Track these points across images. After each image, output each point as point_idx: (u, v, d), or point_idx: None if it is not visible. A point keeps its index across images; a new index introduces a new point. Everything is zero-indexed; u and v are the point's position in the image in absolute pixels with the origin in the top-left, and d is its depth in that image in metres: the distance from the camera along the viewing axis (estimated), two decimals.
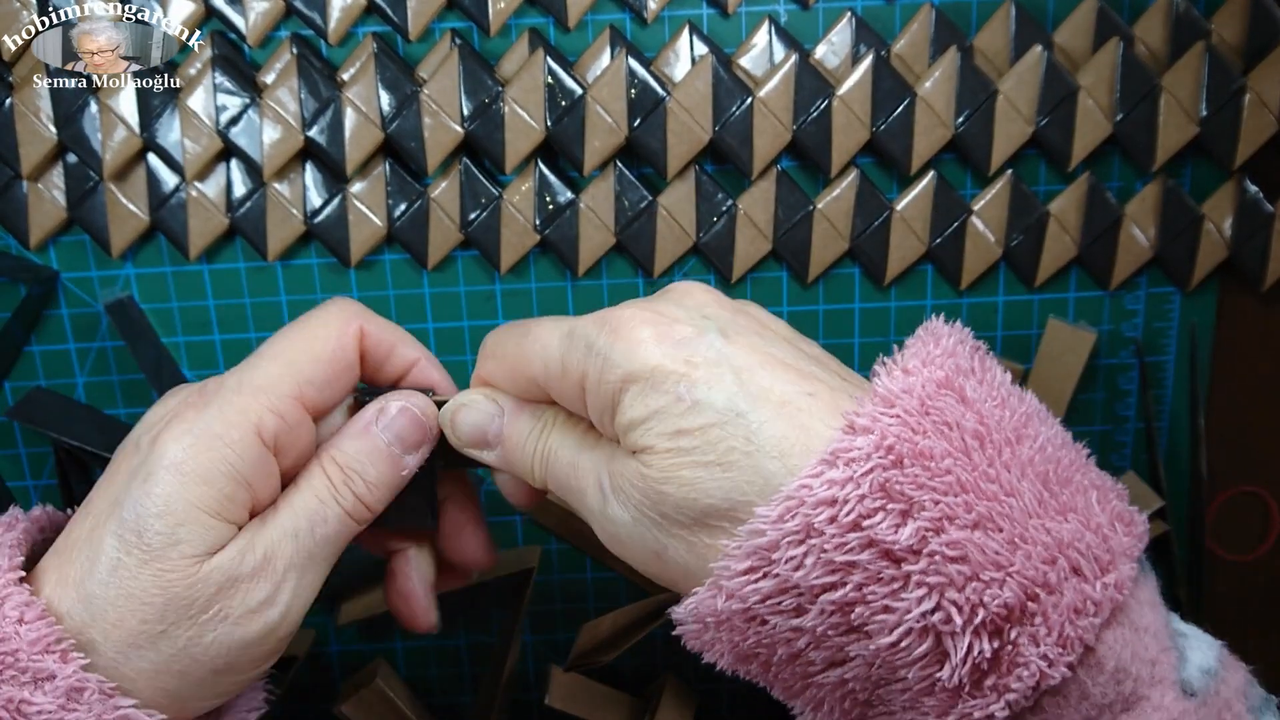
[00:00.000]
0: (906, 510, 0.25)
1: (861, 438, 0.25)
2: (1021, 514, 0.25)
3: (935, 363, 0.27)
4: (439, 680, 0.53)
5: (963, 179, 0.46)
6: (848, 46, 0.44)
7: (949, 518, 0.25)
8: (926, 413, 0.26)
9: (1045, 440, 0.27)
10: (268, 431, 0.29)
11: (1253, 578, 0.51)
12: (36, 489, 0.49)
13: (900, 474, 0.25)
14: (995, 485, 0.25)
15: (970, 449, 0.26)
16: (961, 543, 0.25)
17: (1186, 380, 0.48)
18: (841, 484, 0.25)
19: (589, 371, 0.28)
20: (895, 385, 0.26)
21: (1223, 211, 0.45)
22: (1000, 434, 0.26)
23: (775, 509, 0.25)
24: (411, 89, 0.43)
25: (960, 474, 0.25)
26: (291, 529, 0.29)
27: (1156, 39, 0.44)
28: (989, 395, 0.27)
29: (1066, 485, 0.27)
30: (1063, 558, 0.25)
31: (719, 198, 0.45)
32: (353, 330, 0.32)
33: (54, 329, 0.47)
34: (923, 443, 0.25)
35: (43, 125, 0.43)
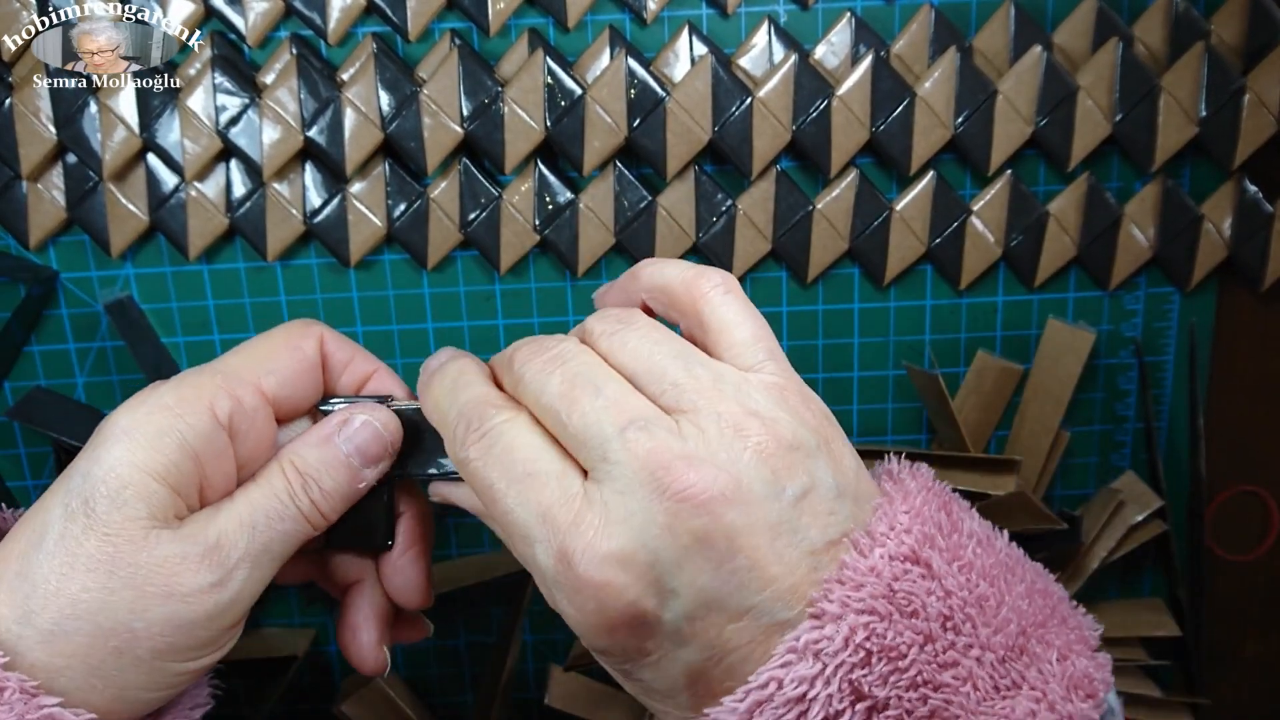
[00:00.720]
0: (873, 707, 0.25)
1: (830, 626, 0.25)
2: (975, 700, 0.25)
3: (901, 530, 0.26)
4: (439, 680, 0.53)
5: (962, 179, 0.46)
6: (847, 47, 0.44)
7: (908, 712, 0.25)
8: (893, 596, 0.25)
9: (1010, 606, 0.27)
10: (221, 410, 0.29)
11: (1252, 578, 0.51)
12: (36, 489, 0.49)
13: (869, 672, 0.25)
14: (952, 672, 0.25)
15: (934, 635, 0.25)
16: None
17: (1186, 380, 0.48)
18: (811, 681, 0.24)
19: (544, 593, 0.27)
20: (862, 563, 0.25)
21: (1222, 211, 0.45)
22: (963, 611, 0.26)
23: (744, 702, 0.25)
24: (411, 89, 0.43)
25: (923, 666, 0.25)
26: (249, 520, 0.29)
27: (1156, 39, 0.44)
28: (955, 558, 0.27)
29: (1022, 654, 0.27)
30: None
31: (718, 198, 0.45)
32: (314, 333, 0.32)
33: (54, 329, 0.47)
34: (890, 637, 0.25)
35: (42, 125, 0.43)
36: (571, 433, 0.26)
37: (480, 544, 0.51)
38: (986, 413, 0.48)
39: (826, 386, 0.49)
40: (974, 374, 0.48)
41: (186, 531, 0.28)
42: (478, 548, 0.51)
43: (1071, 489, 0.50)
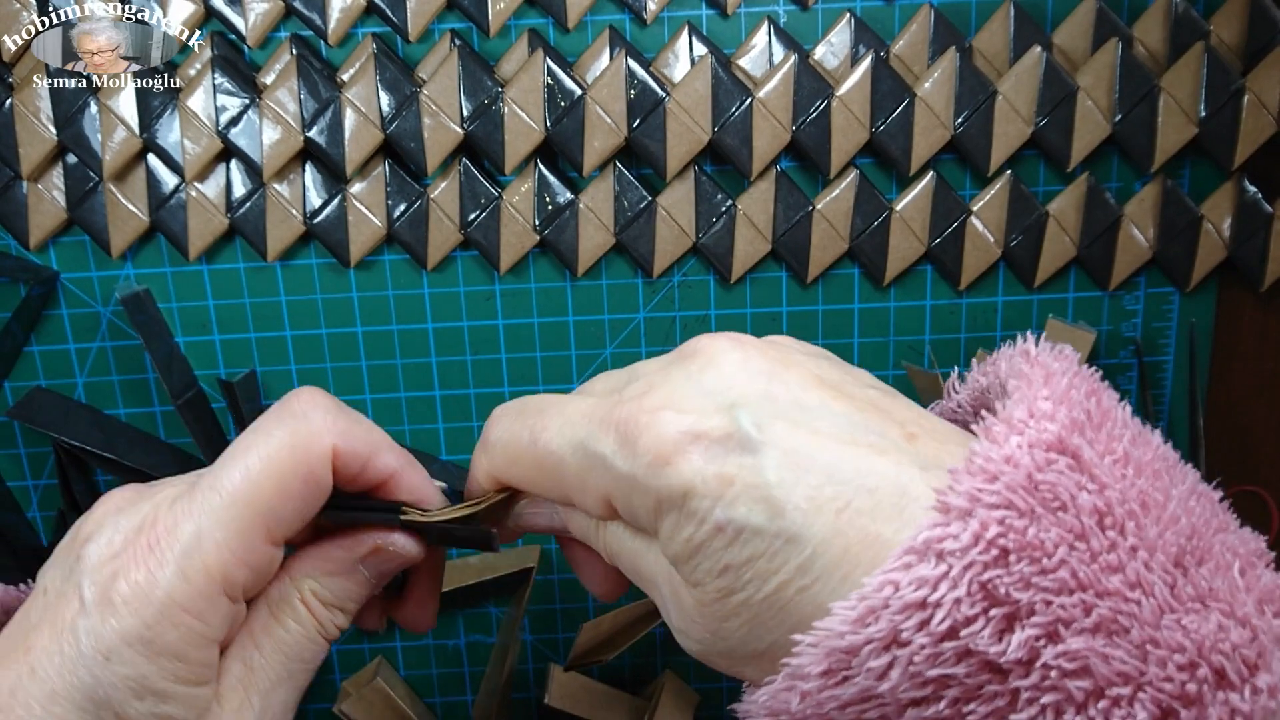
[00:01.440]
0: (1013, 614, 0.21)
1: (957, 523, 0.21)
2: (1152, 612, 0.21)
3: (1045, 417, 0.22)
4: (439, 680, 0.53)
5: (962, 179, 0.46)
6: (847, 47, 0.44)
7: (1065, 622, 0.21)
8: (1035, 489, 0.21)
9: (1178, 501, 0.23)
10: (235, 586, 0.26)
11: None
12: (36, 489, 0.49)
13: (1005, 573, 0.21)
14: (1119, 576, 0.21)
15: (1088, 532, 0.21)
16: (1081, 653, 0.21)
17: (1186, 380, 0.48)
18: (934, 583, 0.21)
19: (614, 494, 0.25)
20: (997, 452, 0.22)
21: (1222, 212, 0.45)
22: (1124, 507, 0.22)
23: (855, 609, 0.21)
24: (411, 90, 0.43)
25: (1077, 567, 0.21)
26: (286, 674, 0.28)
27: (1155, 39, 0.44)
28: (1108, 451, 0.23)
29: (1204, 560, 0.23)
30: (1204, 663, 0.21)
31: (718, 198, 0.45)
32: (326, 451, 0.27)
33: (54, 329, 0.47)
34: (1032, 531, 0.21)
35: (43, 126, 0.43)
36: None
37: None
38: None
39: None
40: None
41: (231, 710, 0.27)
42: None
43: None
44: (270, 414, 0.28)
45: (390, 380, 0.48)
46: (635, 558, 0.26)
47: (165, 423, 0.49)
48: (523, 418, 0.28)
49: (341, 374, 0.48)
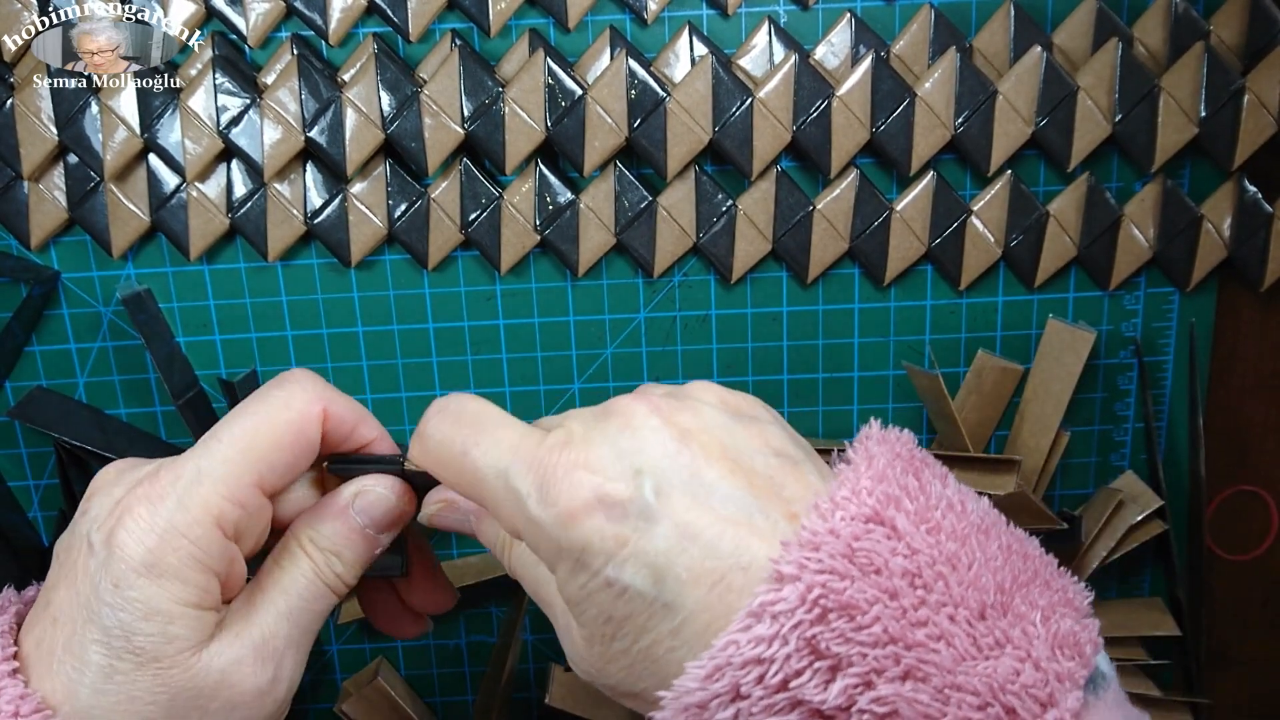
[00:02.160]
0: (835, 666, 0.24)
1: (788, 587, 0.24)
2: (953, 659, 0.24)
3: (864, 492, 0.26)
4: (439, 680, 0.53)
5: (962, 179, 0.46)
6: (847, 47, 0.44)
7: (877, 670, 0.24)
8: (853, 555, 0.25)
9: (983, 564, 0.26)
10: (229, 523, 0.29)
11: (1252, 577, 0.51)
12: (37, 488, 0.49)
13: (826, 629, 0.24)
14: (925, 629, 0.24)
15: (899, 591, 0.24)
16: (890, 698, 0.24)
17: (1185, 380, 0.49)
18: (768, 641, 0.24)
19: (523, 531, 0.28)
20: (821, 525, 0.25)
21: (1222, 212, 0.45)
22: (932, 569, 0.25)
23: (704, 666, 0.25)
24: (412, 89, 0.43)
25: (888, 623, 0.24)
26: (285, 610, 0.30)
27: (1156, 39, 0.44)
28: (923, 520, 0.26)
29: (1005, 612, 0.26)
30: (996, 703, 0.24)
31: (719, 198, 0.45)
32: (316, 412, 0.31)
33: (55, 329, 0.47)
34: (849, 592, 0.24)
35: (43, 126, 0.43)
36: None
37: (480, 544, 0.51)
38: (986, 413, 0.48)
39: (826, 386, 0.49)
40: (974, 374, 0.48)
41: (232, 637, 0.29)
42: (478, 548, 0.51)
43: (1071, 489, 0.50)
44: (269, 384, 0.31)
45: (391, 380, 0.48)
46: (537, 585, 0.30)
47: (166, 423, 0.49)
48: (458, 426, 0.30)
49: (342, 374, 0.48)
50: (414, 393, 0.49)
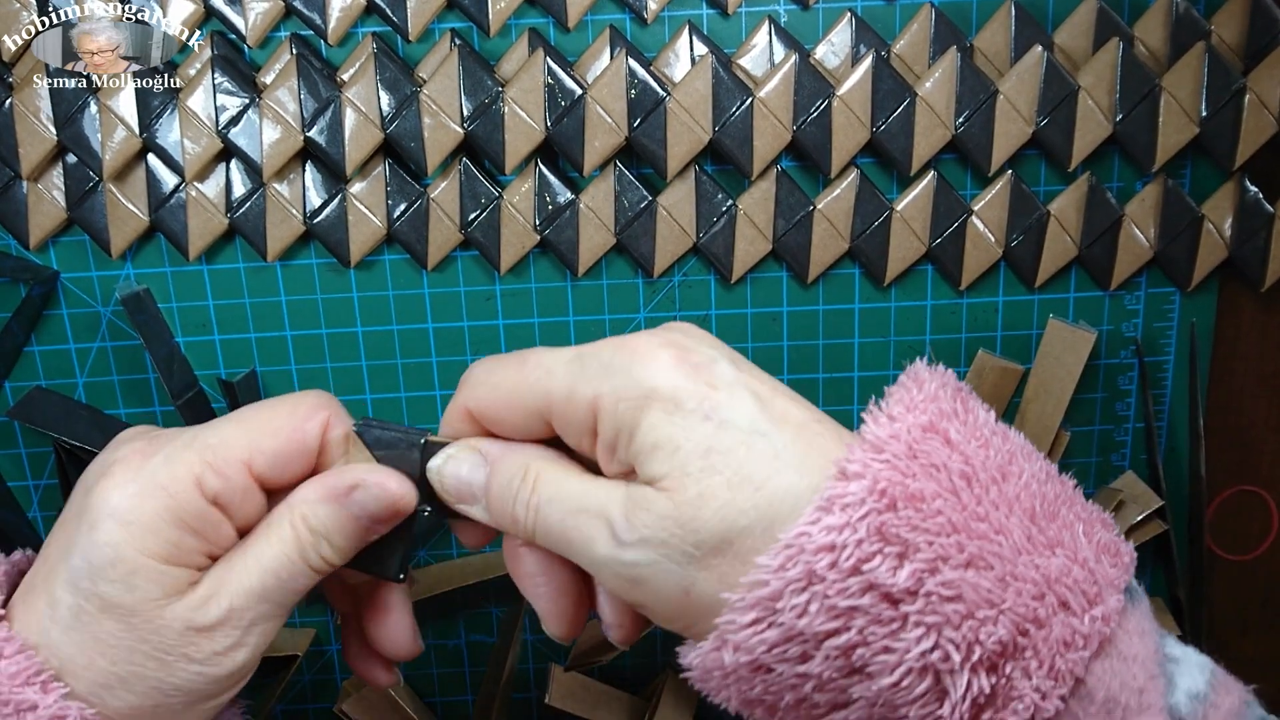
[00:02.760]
0: (903, 552, 0.25)
1: (854, 483, 0.25)
2: (1011, 551, 0.26)
3: (919, 408, 0.27)
4: (439, 680, 0.53)
5: (963, 179, 0.46)
6: (848, 46, 0.44)
7: (943, 558, 0.25)
8: (914, 456, 0.26)
9: (1030, 476, 0.28)
10: (209, 487, 0.29)
11: (1252, 577, 0.51)
12: (37, 488, 0.49)
13: (895, 517, 0.25)
14: (984, 524, 0.26)
15: (959, 489, 0.26)
16: (956, 582, 0.25)
17: (1186, 380, 0.48)
18: (839, 529, 0.25)
19: (605, 391, 0.27)
20: (883, 431, 0.27)
21: (1223, 212, 0.45)
22: (986, 473, 0.27)
23: (776, 558, 0.25)
24: (411, 89, 0.43)
25: (951, 514, 0.26)
26: (259, 586, 0.29)
27: (1156, 39, 0.44)
28: (972, 436, 0.28)
29: (1053, 520, 0.27)
30: (1051, 593, 0.26)
31: (719, 198, 0.45)
32: (319, 419, 0.31)
33: (54, 329, 0.47)
34: (913, 485, 0.26)
35: (43, 125, 0.43)
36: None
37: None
38: None
39: (827, 386, 0.49)
40: (974, 374, 0.48)
41: (199, 598, 0.29)
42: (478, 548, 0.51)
43: None
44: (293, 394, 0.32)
45: (390, 380, 0.48)
46: (576, 496, 0.28)
47: (166, 423, 0.49)
48: (509, 354, 0.30)
49: (341, 374, 0.48)
50: (413, 393, 0.49)
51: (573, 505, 0.28)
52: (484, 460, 0.30)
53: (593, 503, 0.28)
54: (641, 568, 0.27)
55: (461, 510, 0.31)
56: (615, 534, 0.27)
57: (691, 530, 0.26)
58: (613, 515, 0.27)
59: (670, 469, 0.26)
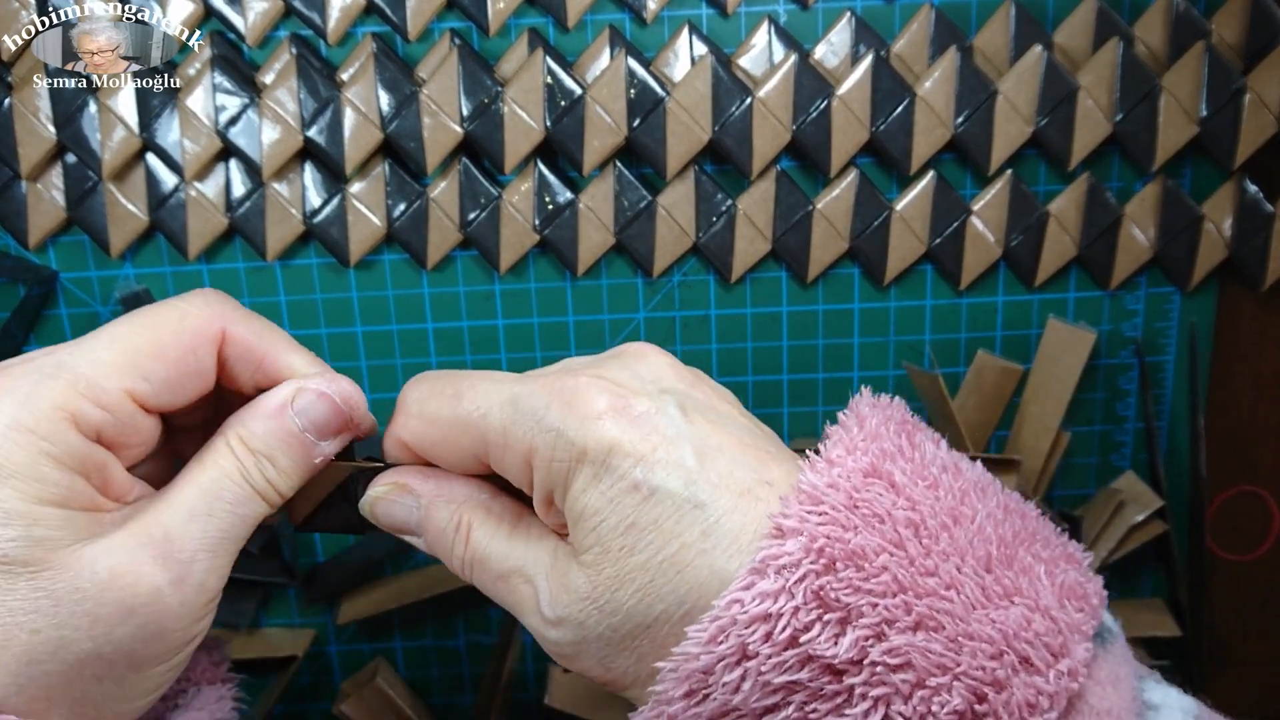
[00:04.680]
0: (844, 618, 0.23)
1: (790, 540, 0.24)
2: (964, 608, 0.24)
3: (859, 449, 0.25)
4: (439, 680, 0.53)
5: (962, 179, 0.46)
6: (847, 46, 0.44)
7: (889, 621, 0.23)
8: (855, 507, 0.24)
9: (985, 517, 0.26)
10: (87, 423, 0.25)
11: (1253, 578, 0.51)
12: None
13: (834, 579, 0.23)
14: (934, 578, 0.24)
15: (904, 540, 0.24)
16: (903, 649, 0.23)
17: (1186, 380, 0.48)
18: (775, 596, 0.23)
19: (538, 447, 0.26)
20: (820, 480, 0.25)
21: (1223, 211, 0.45)
22: (935, 519, 0.25)
23: (707, 630, 0.24)
24: (411, 89, 0.43)
25: (896, 571, 0.24)
26: (202, 508, 0.26)
27: (1156, 39, 0.44)
28: (919, 477, 0.26)
29: (1010, 565, 0.25)
30: (1010, 651, 0.24)
31: (718, 198, 0.45)
32: (210, 332, 0.28)
33: (53, 329, 0.47)
34: (854, 541, 0.24)
35: (42, 125, 0.43)
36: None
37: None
38: (986, 413, 0.48)
39: (826, 386, 0.49)
40: (974, 374, 0.48)
41: (127, 534, 0.25)
42: None
43: (1071, 489, 0.50)
44: (176, 296, 0.29)
45: (390, 380, 0.48)
46: (504, 559, 0.27)
47: None
48: (445, 380, 0.28)
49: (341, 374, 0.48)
50: None
51: (501, 568, 0.27)
52: (418, 503, 0.29)
53: (522, 567, 0.27)
54: (563, 645, 0.26)
55: (406, 540, 0.30)
56: (540, 608, 0.26)
57: (608, 613, 0.25)
58: (539, 585, 0.27)
59: (592, 543, 0.25)
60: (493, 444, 0.27)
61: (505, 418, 0.27)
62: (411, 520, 0.29)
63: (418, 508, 0.29)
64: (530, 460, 0.26)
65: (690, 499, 0.25)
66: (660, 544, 0.25)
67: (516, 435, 0.26)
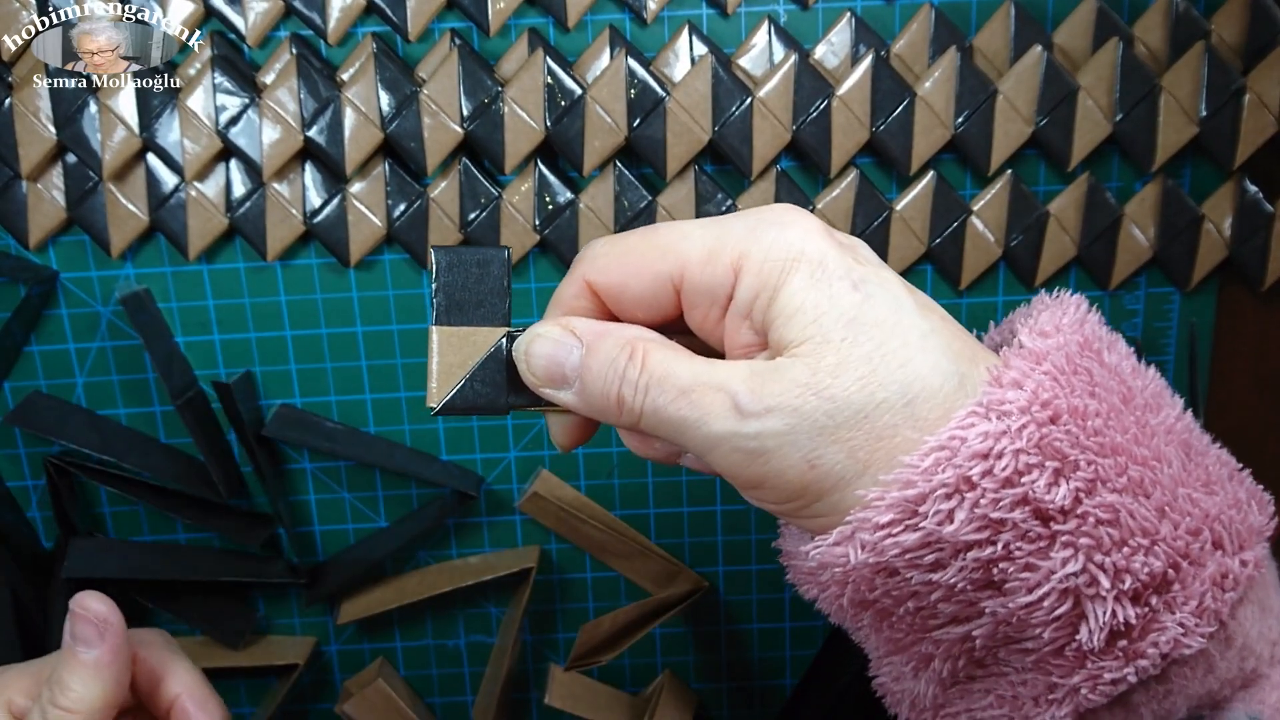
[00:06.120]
0: (1060, 469, 0.24)
1: (1013, 391, 0.24)
2: (1170, 481, 0.25)
3: (1072, 328, 0.26)
4: (439, 680, 0.53)
5: (962, 179, 0.46)
6: (847, 46, 0.44)
7: (1102, 480, 0.24)
8: (1075, 372, 0.25)
9: (1180, 411, 0.27)
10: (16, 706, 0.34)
11: None
12: (36, 489, 0.49)
13: (1056, 430, 0.24)
14: (1145, 449, 0.25)
15: (1118, 411, 0.25)
16: (1114, 506, 0.24)
17: (1186, 380, 0.48)
18: (996, 437, 0.24)
19: (749, 250, 0.26)
20: (1040, 344, 0.25)
21: (1222, 211, 0.45)
22: (1141, 399, 0.26)
23: (926, 459, 0.24)
24: (411, 89, 0.43)
25: (1112, 435, 0.24)
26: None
27: (1156, 39, 0.44)
28: (1123, 363, 0.27)
29: (1205, 456, 0.27)
30: (1208, 530, 0.25)
31: (719, 198, 0.45)
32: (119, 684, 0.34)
33: (54, 329, 0.47)
34: (1075, 401, 0.24)
35: (42, 125, 0.43)
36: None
37: (480, 544, 0.51)
38: None
39: None
40: None
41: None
42: (478, 548, 0.51)
43: None
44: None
45: (390, 380, 0.48)
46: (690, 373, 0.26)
47: (165, 423, 0.49)
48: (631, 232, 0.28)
49: (341, 374, 0.48)
50: (413, 393, 0.49)
51: (687, 382, 0.26)
52: (578, 340, 0.28)
53: (711, 378, 0.26)
54: (766, 438, 0.25)
55: (548, 396, 0.28)
56: (738, 405, 0.25)
57: (827, 399, 0.24)
58: (735, 388, 0.25)
59: (811, 334, 0.25)
60: (693, 262, 0.26)
61: (710, 235, 0.27)
62: (569, 362, 0.28)
63: (578, 347, 0.28)
64: (738, 266, 0.26)
65: (903, 308, 0.25)
66: (882, 339, 0.25)
67: (725, 247, 0.26)
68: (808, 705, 0.51)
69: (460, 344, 0.29)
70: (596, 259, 0.28)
